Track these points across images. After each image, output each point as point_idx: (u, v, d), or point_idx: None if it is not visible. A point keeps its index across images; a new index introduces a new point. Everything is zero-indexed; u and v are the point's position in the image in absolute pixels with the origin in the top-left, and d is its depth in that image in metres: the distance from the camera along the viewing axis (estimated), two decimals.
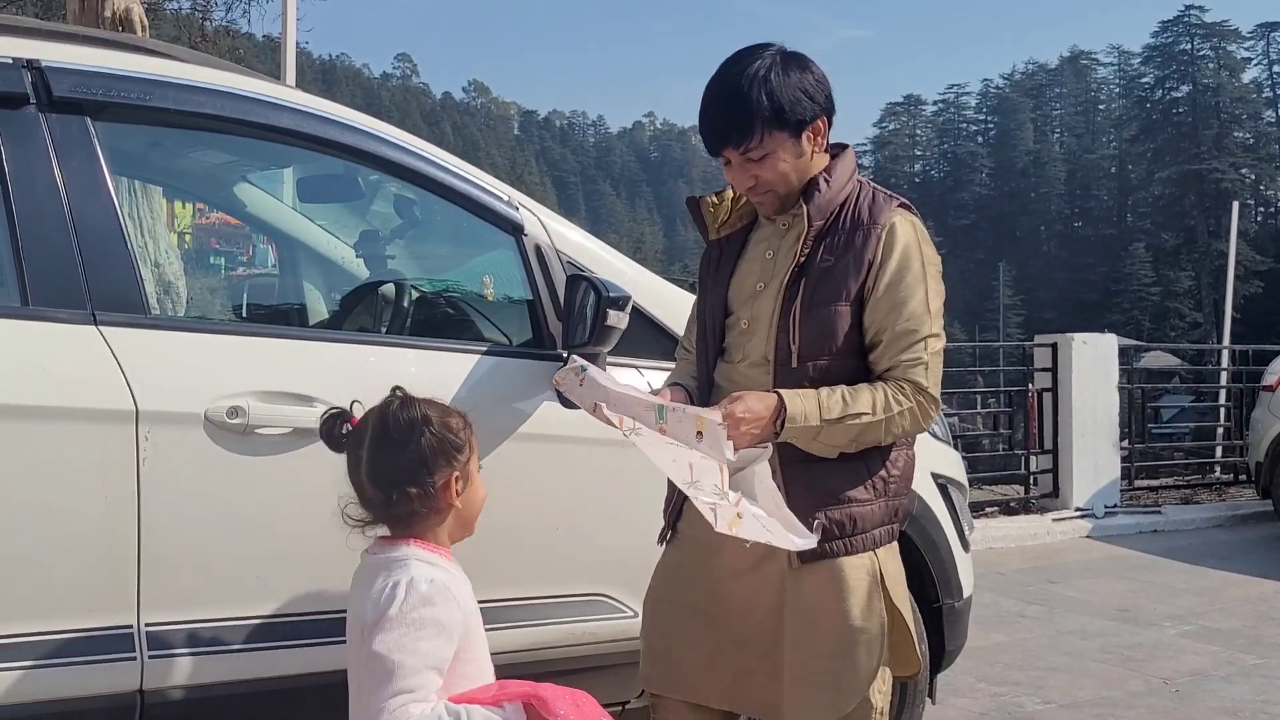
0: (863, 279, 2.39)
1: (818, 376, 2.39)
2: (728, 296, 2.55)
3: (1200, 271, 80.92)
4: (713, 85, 2.42)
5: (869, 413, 2.34)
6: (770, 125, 2.36)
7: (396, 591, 2.04)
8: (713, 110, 2.41)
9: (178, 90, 2.68)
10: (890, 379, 2.39)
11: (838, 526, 2.38)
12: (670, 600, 2.54)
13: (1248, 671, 5.11)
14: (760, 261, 2.51)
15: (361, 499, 2.18)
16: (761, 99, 2.34)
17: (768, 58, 2.39)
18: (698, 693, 2.51)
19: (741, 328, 2.51)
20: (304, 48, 53.25)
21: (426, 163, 2.98)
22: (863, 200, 2.45)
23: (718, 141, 2.41)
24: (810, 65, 2.44)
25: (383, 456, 2.15)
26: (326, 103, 2.94)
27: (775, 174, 2.41)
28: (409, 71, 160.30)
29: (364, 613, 2.06)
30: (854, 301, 2.39)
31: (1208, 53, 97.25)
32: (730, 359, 2.54)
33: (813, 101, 2.40)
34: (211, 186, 3.98)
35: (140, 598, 2.43)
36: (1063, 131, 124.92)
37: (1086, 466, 9.01)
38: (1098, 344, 9.25)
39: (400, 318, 3.26)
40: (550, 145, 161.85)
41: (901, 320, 2.38)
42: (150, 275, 4.43)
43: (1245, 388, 10.87)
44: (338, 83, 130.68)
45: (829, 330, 2.38)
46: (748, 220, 2.59)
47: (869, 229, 2.41)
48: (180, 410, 2.46)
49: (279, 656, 2.59)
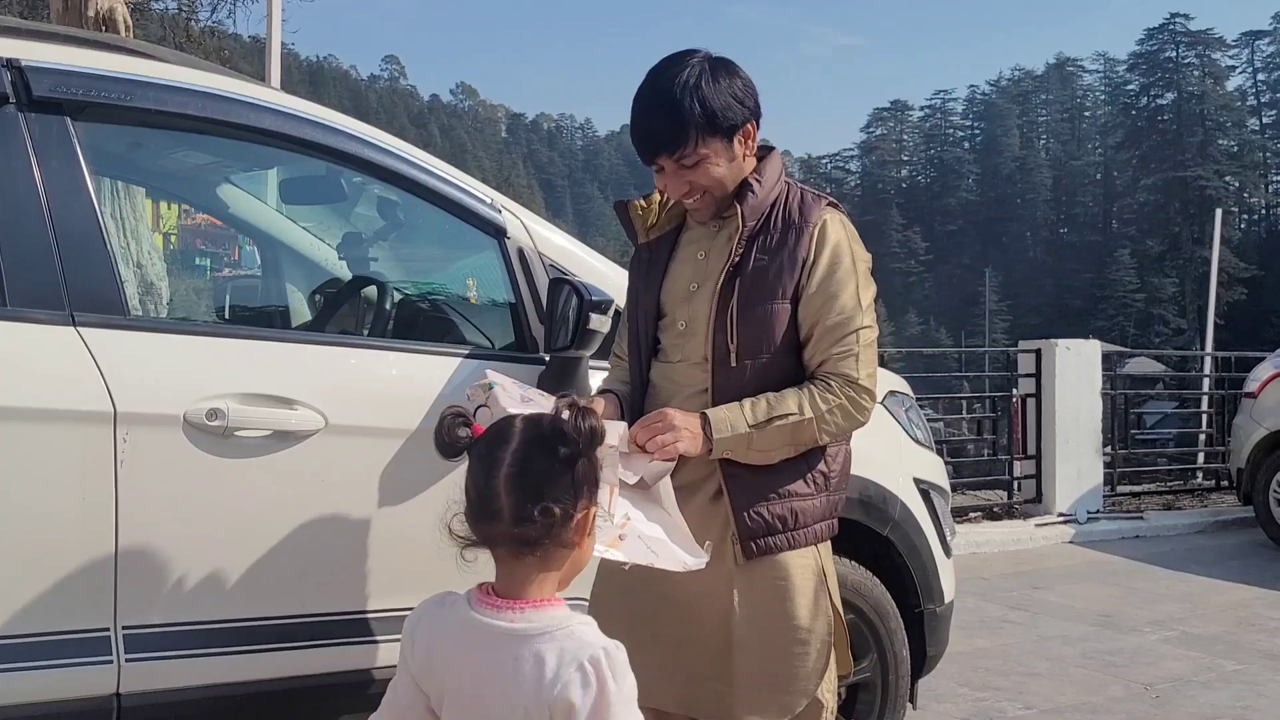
0: (797, 277, 2.43)
1: (756, 375, 2.43)
2: (660, 299, 2.58)
3: (1184, 278, 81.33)
4: (644, 94, 2.44)
5: (796, 413, 2.37)
6: (704, 132, 2.39)
7: (601, 669, 1.74)
8: (646, 119, 2.43)
9: (159, 90, 2.66)
10: (820, 375, 2.43)
11: (780, 521, 2.41)
12: (617, 608, 2.53)
13: (1228, 677, 5.12)
14: (692, 263, 2.54)
15: (480, 510, 1.83)
16: (694, 106, 2.37)
17: (696, 65, 2.42)
18: (655, 699, 2.51)
19: (679, 329, 2.53)
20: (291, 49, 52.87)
21: (408, 165, 2.97)
22: (792, 200, 2.50)
23: (652, 150, 2.43)
24: (738, 70, 2.47)
25: (536, 462, 1.81)
26: (308, 104, 2.93)
27: (709, 179, 2.44)
28: (397, 73, 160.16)
29: (560, 698, 1.72)
30: (789, 299, 2.43)
31: (1193, 60, 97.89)
32: (669, 359, 2.56)
33: (743, 106, 2.44)
34: (194, 187, 3.97)
35: (118, 600, 2.42)
36: (1049, 138, 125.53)
37: (1069, 472, 9.04)
38: (1081, 350, 9.28)
39: (382, 320, 3.26)
40: (538, 148, 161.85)
41: (833, 314, 2.42)
42: (132, 276, 4.42)
43: (1228, 394, 10.92)
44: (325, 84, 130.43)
45: (766, 328, 2.42)
46: (676, 223, 2.62)
47: (801, 228, 2.45)
48: (159, 412, 2.45)
49: (258, 660, 2.58)
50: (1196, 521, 9.35)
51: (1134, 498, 10.13)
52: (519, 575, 1.84)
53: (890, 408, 3.62)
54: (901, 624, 3.34)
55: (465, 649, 1.81)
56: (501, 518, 1.79)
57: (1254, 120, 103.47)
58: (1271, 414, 8.43)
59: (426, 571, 2.78)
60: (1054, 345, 9.14)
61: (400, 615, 2.72)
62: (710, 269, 2.49)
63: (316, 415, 2.62)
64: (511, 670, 1.76)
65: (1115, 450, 10.14)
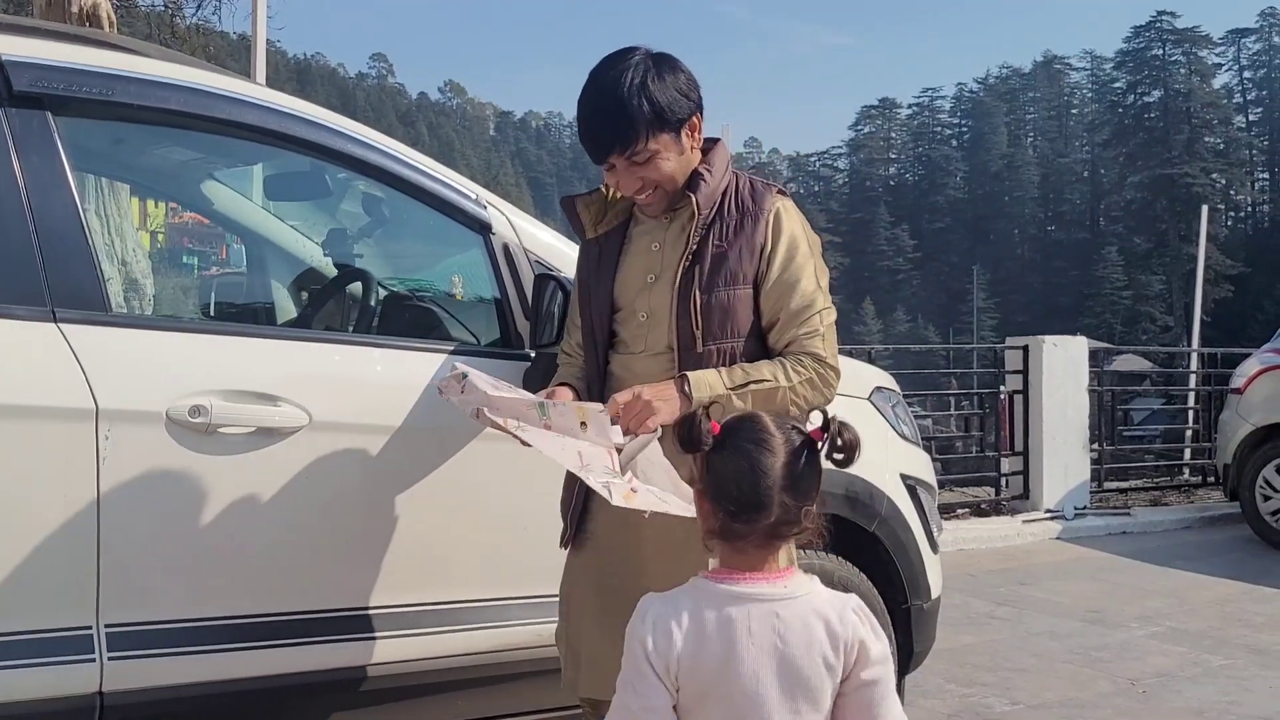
0: (757, 263, 2.49)
1: (721, 361, 2.48)
2: (614, 292, 2.59)
3: (1171, 275, 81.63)
4: (591, 95, 2.47)
5: (770, 380, 2.44)
6: (653, 128, 2.43)
7: (865, 611, 1.93)
8: (595, 120, 2.47)
9: (141, 85, 2.65)
10: (789, 354, 2.49)
11: None
12: (591, 603, 2.55)
13: (1214, 672, 5.13)
14: (646, 255, 2.57)
15: (748, 507, 1.89)
16: (643, 104, 2.41)
17: (640, 63, 2.45)
18: None
19: (639, 319, 2.55)
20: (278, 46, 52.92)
21: (393, 160, 2.96)
22: (743, 188, 2.56)
23: (604, 150, 2.47)
24: (680, 65, 2.51)
25: (802, 468, 1.92)
26: (292, 99, 2.92)
27: (660, 174, 2.48)
28: (385, 71, 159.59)
29: (855, 637, 1.89)
30: (750, 284, 2.49)
31: (1179, 58, 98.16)
32: (630, 350, 2.58)
33: (688, 100, 2.49)
34: (179, 183, 3.95)
35: (100, 598, 2.41)
36: (1036, 135, 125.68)
37: (1057, 468, 9.05)
38: (1068, 347, 9.29)
39: (367, 317, 3.24)
40: (526, 146, 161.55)
41: (795, 299, 2.49)
42: (115, 273, 4.40)
43: (1214, 390, 10.94)
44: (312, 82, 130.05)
45: (729, 313, 2.48)
46: (624, 217, 2.64)
47: (756, 215, 2.51)
48: (141, 409, 2.44)
49: (242, 658, 2.57)
50: (1183, 517, 9.37)
51: (1121, 494, 10.15)
52: (760, 556, 1.94)
53: (877, 404, 3.62)
54: (889, 620, 3.33)
55: (746, 625, 1.88)
56: (769, 515, 1.90)
57: (1240, 118, 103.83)
58: (1258, 410, 8.45)
59: (410, 567, 2.80)
60: (1041, 342, 9.14)
61: (384, 612, 2.73)
62: (667, 259, 2.53)
63: (300, 412, 2.61)
64: (807, 627, 1.88)
65: (1102, 446, 10.16)
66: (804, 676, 1.87)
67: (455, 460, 2.82)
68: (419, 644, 2.80)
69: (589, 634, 2.55)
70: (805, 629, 1.88)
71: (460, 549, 2.89)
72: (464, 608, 2.87)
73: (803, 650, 1.87)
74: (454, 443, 2.83)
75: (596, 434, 2.32)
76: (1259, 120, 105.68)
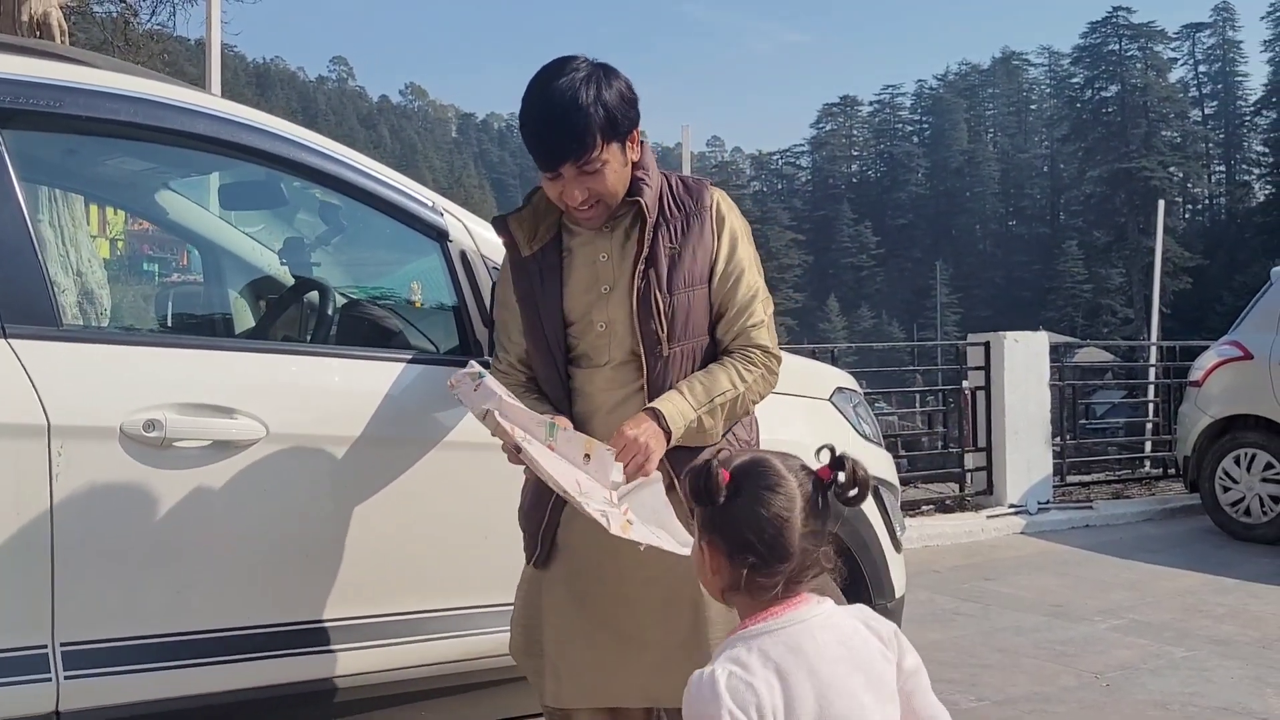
0: (711, 260, 2.52)
1: (687, 361, 2.50)
2: (564, 306, 2.56)
3: (1131, 268, 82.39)
4: (542, 103, 2.42)
5: (730, 388, 2.49)
6: (607, 137, 2.42)
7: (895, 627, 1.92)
8: (550, 128, 2.42)
9: (90, 97, 2.62)
10: (736, 349, 2.54)
11: None
12: (573, 616, 2.54)
13: (1176, 664, 5.18)
14: (594, 266, 2.54)
15: (770, 557, 1.82)
16: (599, 113, 2.40)
17: (588, 70, 2.43)
18: (617, 697, 2.52)
19: (598, 330, 2.53)
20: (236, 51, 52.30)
21: (347, 168, 2.94)
22: (676, 187, 2.57)
23: (558, 158, 2.42)
24: (621, 74, 2.50)
25: (821, 511, 1.88)
26: (245, 108, 2.89)
27: (605, 186, 2.46)
28: (345, 75, 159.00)
29: (889, 630, 1.90)
30: (706, 283, 2.52)
31: (1135, 53, 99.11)
32: (593, 363, 2.56)
33: (633, 109, 2.48)
34: (133, 194, 3.91)
35: (55, 617, 2.38)
36: (996, 131, 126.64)
37: (1020, 463, 9.11)
38: (1029, 342, 9.35)
39: (325, 326, 3.21)
40: (489, 148, 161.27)
41: (741, 290, 2.54)
42: (70, 285, 4.35)
43: (1174, 383, 11.05)
44: (272, 86, 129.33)
45: (691, 313, 2.50)
46: (554, 231, 2.60)
47: (699, 213, 2.54)
48: (94, 424, 2.41)
49: (202, 674, 2.55)
50: (1145, 510, 9.46)
51: (1083, 487, 10.24)
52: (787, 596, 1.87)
53: (838, 404, 3.63)
54: None
55: (815, 647, 1.81)
56: (793, 564, 1.83)
57: (1196, 111, 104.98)
58: (1216, 402, 8.53)
59: (371, 578, 2.78)
60: (1002, 338, 9.21)
61: (346, 624, 2.71)
62: (619, 268, 2.51)
63: (257, 424, 2.59)
64: (856, 631, 1.86)
65: (1065, 440, 10.24)
66: (878, 673, 1.84)
67: (415, 470, 2.81)
68: (383, 655, 2.78)
69: (572, 645, 2.53)
70: (855, 632, 1.86)
71: (421, 559, 2.87)
72: (427, 617, 2.85)
73: (867, 651, 1.85)
74: (414, 452, 2.82)
75: (597, 469, 2.34)
76: (1214, 114, 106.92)
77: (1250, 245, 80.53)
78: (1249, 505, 8.28)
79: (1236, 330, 8.64)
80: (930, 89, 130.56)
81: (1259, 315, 8.43)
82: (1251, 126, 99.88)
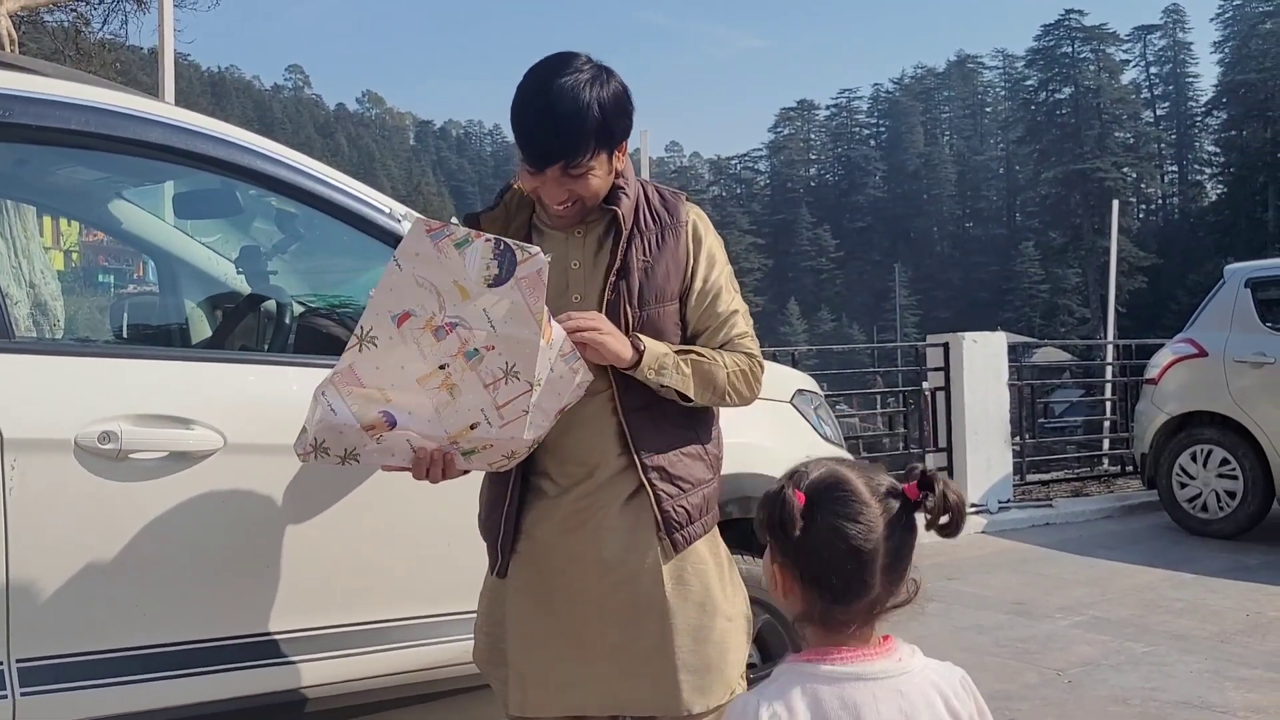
0: (684, 276, 2.49)
1: None
2: None
3: (1087, 268, 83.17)
4: (542, 100, 2.34)
5: (710, 360, 2.45)
6: (600, 143, 2.36)
7: (967, 686, 1.76)
8: (545, 128, 2.35)
9: (40, 106, 2.58)
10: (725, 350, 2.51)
11: (696, 510, 2.47)
12: (538, 627, 2.51)
13: (1137, 660, 5.23)
14: (566, 273, 2.48)
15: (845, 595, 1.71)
16: (597, 120, 2.33)
17: (592, 72, 2.36)
18: (586, 707, 2.50)
19: None
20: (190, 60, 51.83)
21: (303, 175, 2.92)
22: (653, 198, 2.54)
23: (549, 159, 2.36)
24: (619, 78, 2.43)
25: (905, 534, 1.75)
26: (198, 116, 2.87)
27: (587, 190, 2.40)
28: (301, 83, 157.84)
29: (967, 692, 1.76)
30: (677, 299, 2.49)
31: (1088, 55, 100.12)
32: None
33: (628, 119, 2.43)
34: (86, 204, 3.86)
35: (10, 632, 2.34)
36: (952, 134, 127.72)
37: (980, 463, 9.18)
38: (987, 342, 9.43)
39: (282, 335, 3.19)
40: (447, 155, 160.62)
41: (720, 306, 2.51)
42: (23, 296, 4.30)
43: (1130, 381, 11.16)
44: (227, 95, 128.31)
45: (660, 329, 2.45)
46: (525, 232, 2.56)
47: (676, 228, 2.50)
48: (48, 437, 2.38)
49: (161, 688, 2.52)
50: (1104, 507, 9.55)
51: (1043, 486, 10.33)
52: (861, 635, 1.75)
53: (799, 406, 3.64)
54: None
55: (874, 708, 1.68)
56: (872, 595, 1.71)
57: (1148, 112, 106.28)
58: (1172, 399, 8.63)
59: (332, 588, 2.76)
60: (961, 339, 9.28)
61: (304, 635, 2.68)
62: (590, 277, 2.47)
63: (215, 434, 2.57)
64: (930, 704, 1.71)
65: (1024, 440, 10.32)
66: None
67: (375, 479, 2.79)
68: (346, 665, 2.76)
69: (536, 654, 2.51)
70: (929, 706, 1.70)
71: (383, 567, 2.85)
72: (390, 626, 2.84)
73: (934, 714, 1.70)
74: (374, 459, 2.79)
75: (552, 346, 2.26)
76: (1166, 114, 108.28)
77: (1203, 244, 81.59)
78: (1205, 501, 8.37)
79: (1191, 328, 8.73)
80: (886, 92, 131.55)
81: (1213, 313, 8.54)
82: (1203, 127, 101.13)
